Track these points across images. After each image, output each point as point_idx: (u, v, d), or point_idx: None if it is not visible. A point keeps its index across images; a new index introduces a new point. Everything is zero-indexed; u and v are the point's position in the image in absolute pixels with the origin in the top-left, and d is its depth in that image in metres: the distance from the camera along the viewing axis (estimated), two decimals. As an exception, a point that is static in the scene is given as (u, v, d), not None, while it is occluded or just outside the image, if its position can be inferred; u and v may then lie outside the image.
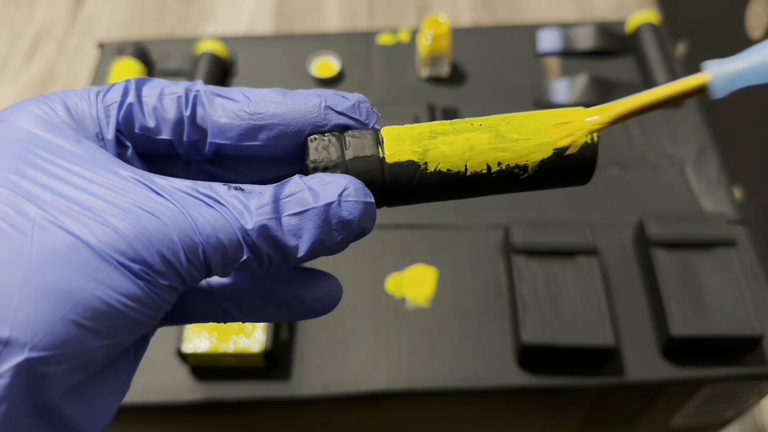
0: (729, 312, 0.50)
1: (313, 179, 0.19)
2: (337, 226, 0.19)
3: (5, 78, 1.20)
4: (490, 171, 0.21)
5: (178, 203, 0.18)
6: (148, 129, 0.20)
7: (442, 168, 0.21)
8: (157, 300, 0.18)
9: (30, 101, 0.19)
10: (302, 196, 0.19)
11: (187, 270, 0.18)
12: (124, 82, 0.20)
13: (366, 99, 0.22)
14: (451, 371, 0.51)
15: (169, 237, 0.18)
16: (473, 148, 0.20)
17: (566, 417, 0.58)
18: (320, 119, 0.21)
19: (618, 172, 0.62)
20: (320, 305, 0.21)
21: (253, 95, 0.21)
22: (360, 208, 0.19)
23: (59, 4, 1.32)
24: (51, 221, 0.17)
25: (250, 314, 0.21)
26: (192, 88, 0.20)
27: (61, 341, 0.16)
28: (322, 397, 0.50)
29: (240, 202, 0.19)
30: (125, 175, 0.18)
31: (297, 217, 0.19)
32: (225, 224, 0.18)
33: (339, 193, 0.19)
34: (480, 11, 1.27)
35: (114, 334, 0.17)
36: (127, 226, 0.17)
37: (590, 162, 0.21)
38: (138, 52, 0.69)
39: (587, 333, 0.49)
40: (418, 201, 0.21)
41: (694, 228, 0.54)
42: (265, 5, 1.30)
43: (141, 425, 0.55)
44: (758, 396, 0.56)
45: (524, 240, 0.53)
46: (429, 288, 0.55)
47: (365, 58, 0.71)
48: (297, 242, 0.19)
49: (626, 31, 0.72)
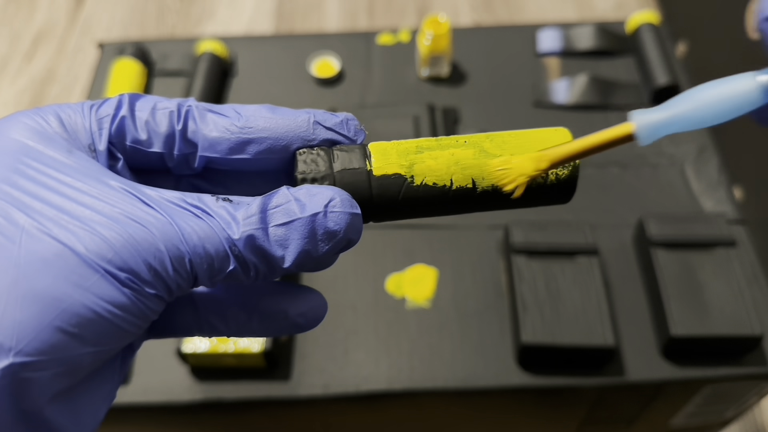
0: (729, 312, 0.50)
1: (300, 190, 0.20)
2: (322, 236, 0.19)
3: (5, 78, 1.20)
4: (475, 186, 0.21)
5: (165, 213, 0.18)
6: (139, 141, 0.20)
7: (428, 182, 0.21)
8: (143, 309, 0.18)
9: (23, 113, 0.20)
10: (289, 207, 0.19)
11: (174, 279, 0.18)
12: (118, 96, 0.21)
13: (354, 117, 0.22)
14: (451, 371, 0.51)
15: (156, 246, 0.18)
16: (458, 162, 0.21)
17: (566, 417, 0.58)
18: (309, 134, 0.21)
19: (618, 172, 0.62)
20: (305, 320, 0.21)
21: (243, 111, 0.21)
22: (346, 219, 0.19)
23: (59, 4, 1.32)
24: (40, 229, 0.17)
25: (235, 328, 0.21)
26: (184, 103, 0.21)
27: (47, 347, 0.16)
28: (322, 397, 0.50)
29: (227, 213, 0.19)
30: (115, 186, 0.18)
31: (283, 228, 0.19)
32: (212, 234, 0.18)
33: (325, 204, 0.19)
34: (480, 11, 1.27)
35: (100, 341, 0.17)
36: (114, 235, 0.17)
37: (571, 182, 0.22)
38: (138, 52, 0.69)
39: (587, 333, 0.49)
40: (404, 215, 0.22)
41: (694, 228, 0.54)
42: (265, 5, 1.30)
43: (141, 425, 0.55)
44: (758, 396, 0.56)
45: (524, 240, 0.53)
46: (429, 288, 0.55)
47: (365, 58, 0.71)
48: (283, 252, 0.19)
49: (626, 31, 0.72)
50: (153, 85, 0.69)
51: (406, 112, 0.63)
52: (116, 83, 0.66)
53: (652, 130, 0.20)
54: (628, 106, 0.66)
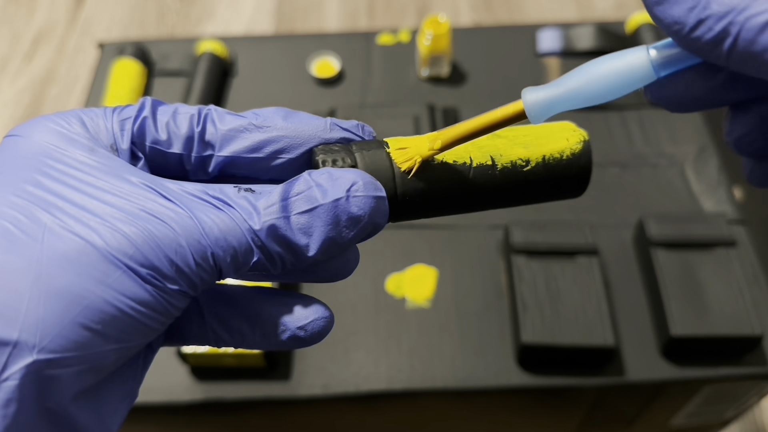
0: (729, 312, 0.50)
1: (322, 175, 0.19)
2: (347, 222, 0.19)
3: (5, 78, 1.20)
4: (495, 163, 0.21)
5: (186, 207, 0.18)
6: (159, 142, 0.21)
7: (448, 159, 0.21)
8: (166, 305, 0.18)
9: (46, 117, 0.20)
10: (310, 194, 0.19)
11: (197, 274, 0.18)
12: (141, 100, 0.21)
13: (369, 126, 0.23)
14: (451, 371, 0.51)
15: (177, 242, 0.18)
16: (475, 143, 0.21)
17: (566, 417, 0.58)
18: (326, 133, 0.21)
19: (618, 172, 0.62)
20: (305, 333, 0.21)
21: (261, 112, 0.21)
22: (370, 203, 0.19)
23: (59, 4, 1.32)
24: (62, 226, 0.17)
25: (240, 340, 0.21)
26: (204, 108, 0.21)
27: (70, 344, 0.16)
28: (322, 397, 0.50)
29: (249, 203, 0.19)
30: (136, 182, 0.19)
31: (306, 215, 0.19)
32: (233, 226, 0.18)
33: (347, 188, 0.19)
34: (480, 11, 1.27)
35: (123, 338, 0.17)
36: (135, 230, 0.17)
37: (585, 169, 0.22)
38: (138, 52, 0.69)
39: (587, 333, 0.49)
40: (428, 203, 0.21)
41: (694, 228, 0.54)
42: (265, 5, 1.30)
43: (141, 425, 0.55)
44: (758, 396, 0.56)
45: (524, 240, 0.53)
46: (429, 288, 0.55)
47: (365, 58, 0.71)
48: (308, 241, 0.19)
49: (626, 31, 0.72)
50: (153, 85, 0.69)
51: (406, 112, 0.63)
52: (116, 83, 0.66)
53: (544, 107, 0.19)
54: (628, 106, 0.66)
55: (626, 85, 0.19)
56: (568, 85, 0.19)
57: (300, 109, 0.22)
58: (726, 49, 0.16)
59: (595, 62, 0.19)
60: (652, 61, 0.19)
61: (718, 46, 0.16)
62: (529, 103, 0.19)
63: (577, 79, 0.19)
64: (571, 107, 0.19)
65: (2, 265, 0.16)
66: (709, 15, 0.16)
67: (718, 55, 0.17)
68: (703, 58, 0.18)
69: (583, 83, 0.19)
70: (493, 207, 0.22)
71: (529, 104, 0.19)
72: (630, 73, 0.19)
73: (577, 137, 0.22)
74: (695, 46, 0.17)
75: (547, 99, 0.19)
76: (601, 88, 0.19)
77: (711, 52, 0.17)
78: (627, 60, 0.19)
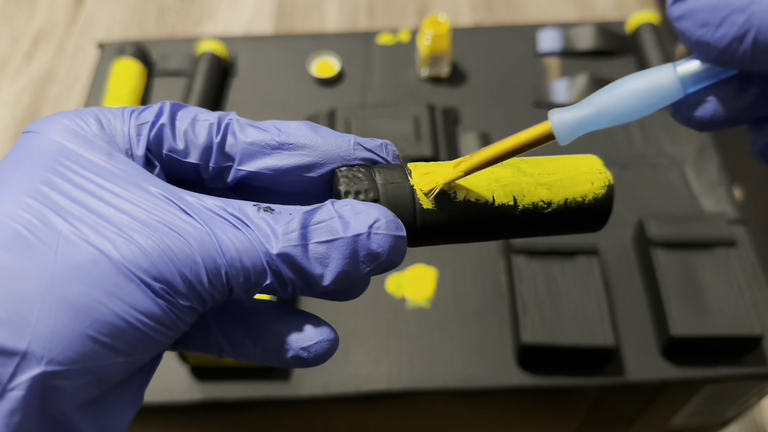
0: (729, 312, 0.50)
1: (345, 206, 0.19)
2: (365, 258, 0.19)
3: (5, 78, 1.20)
4: (516, 203, 0.21)
5: (204, 223, 0.18)
6: (176, 151, 0.20)
7: (471, 197, 0.21)
8: (176, 320, 0.18)
9: (63, 114, 0.20)
10: (332, 225, 0.19)
11: (209, 292, 0.18)
12: (160, 104, 0.20)
13: (392, 144, 0.22)
14: (451, 371, 0.51)
15: (192, 258, 0.17)
16: (498, 180, 0.21)
17: (566, 417, 0.58)
18: (349, 153, 0.21)
19: (618, 172, 0.62)
20: (308, 355, 0.21)
21: (283, 127, 0.21)
22: (390, 242, 0.19)
23: (59, 4, 1.32)
24: (77, 234, 0.17)
25: (242, 353, 0.21)
26: (225, 117, 0.21)
27: (78, 356, 0.16)
28: (322, 397, 0.50)
29: (267, 225, 0.18)
30: (155, 192, 0.18)
31: (324, 246, 0.18)
32: (250, 247, 0.18)
33: (370, 224, 0.19)
34: (480, 11, 1.27)
35: (131, 351, 0.17)
36: (151, 243, 0.17)
37: (605, 213, 0.22)
38: (138, 52, 0.69)
39: (587, 333, 0.49)
40: (447, 234, 0.21)
41: (694, 228, 0.54)
42: (265, 5, 1.30)
43: (141, 425, 0.55)
44: (758, 396, 0.56)
45: (524, 240, 0.53)
46: (429, 288, 0.55)
47: (365, 58, 0.71)
48: (323, 271, 0.19)
49: (626, 31, 0.72)
50: (153, 85, 0.69)
51: (406, 112, 0.63)
52: (116, 83, 0.66)
53: (571, 128, 0.19)
54: (628, 106, 0.66)
55: (654, 102, 0.19)
56: (595, 106, 0.19)
57: (300, 109, 0.22)
58: (750, 42, 0.16)
59: (622, 81, 0.19)
60: (679, 78, 0.19)
61: (743, 41, 0.16)
62: (556, 125, 0.19)
63: (603, 99, 0.19)
64: (599, 127, 0.19)
65: (15, 272, 0.16)
66: (731, 11, 0.16)
67: (743, 54, 0.17)
68: (729, 63, 0.17)
69: (610, 103, 0.19)
70: (506, 239, 0.22)
71: (556, 125, 0.19)
72: (657, 90, 0.19)
73: (602, 181, 0.22)
74: (720, 45, 0.17)
75: (574, 120, 0.19)
76: (629, 107, 0.19)
77: (736, 52, 0.17)
78: (654, 77, 0.19)
